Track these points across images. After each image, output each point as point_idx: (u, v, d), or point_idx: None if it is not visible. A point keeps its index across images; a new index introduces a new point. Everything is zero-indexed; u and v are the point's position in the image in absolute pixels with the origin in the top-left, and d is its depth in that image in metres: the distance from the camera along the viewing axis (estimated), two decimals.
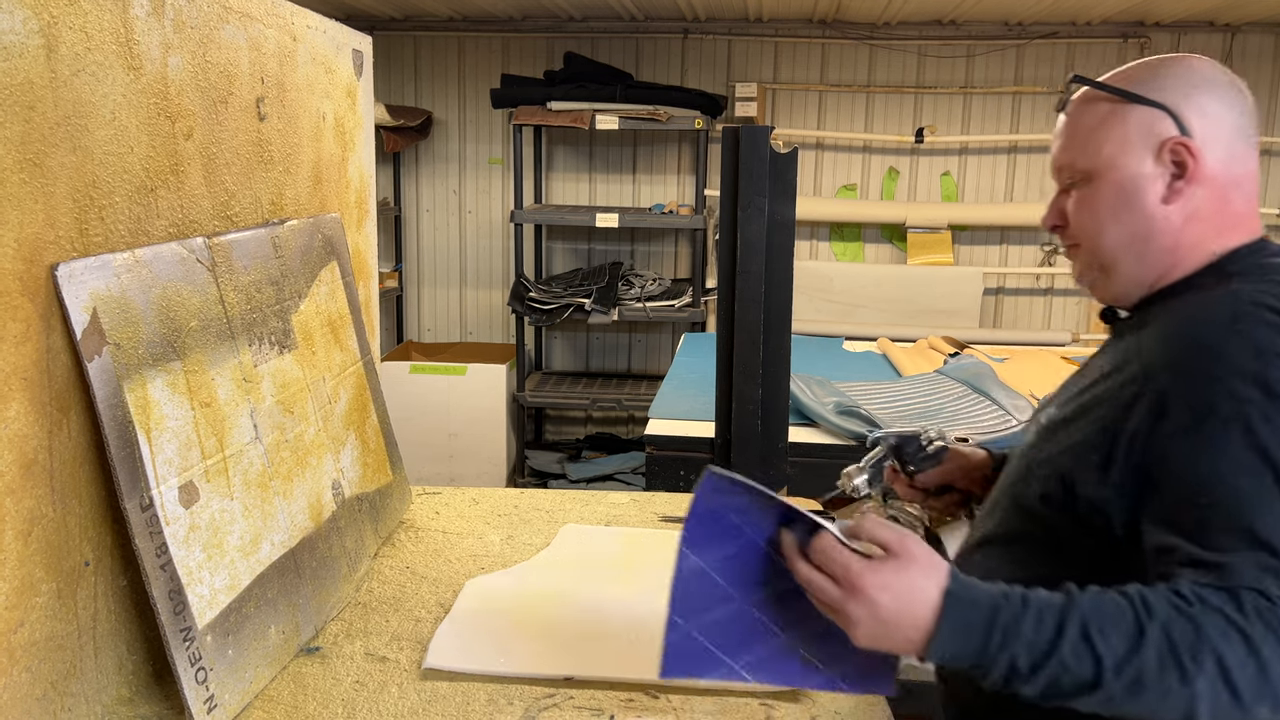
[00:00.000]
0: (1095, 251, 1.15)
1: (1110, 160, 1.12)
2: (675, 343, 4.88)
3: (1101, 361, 1.17)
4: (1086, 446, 1.06)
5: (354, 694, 1.17)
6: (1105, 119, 1.13)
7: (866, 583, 0.93)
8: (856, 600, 0.93)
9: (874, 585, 0.93)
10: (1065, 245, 1.21)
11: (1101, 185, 1.13)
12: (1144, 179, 1.10)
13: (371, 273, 1.89)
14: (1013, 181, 4.85)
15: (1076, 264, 1.20)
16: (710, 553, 0.98)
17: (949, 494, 1.45)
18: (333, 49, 1.67)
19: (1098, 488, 1.04)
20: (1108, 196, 1.12)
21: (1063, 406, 1.17)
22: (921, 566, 0.94)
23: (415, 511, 1.75)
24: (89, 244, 1.03)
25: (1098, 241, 1.14)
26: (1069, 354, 3.34)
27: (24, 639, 0.94)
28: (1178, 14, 4.39)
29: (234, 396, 1.20)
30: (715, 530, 0.97)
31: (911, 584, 0.93)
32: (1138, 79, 1.13)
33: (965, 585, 0.94)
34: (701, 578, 0.98)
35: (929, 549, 0.97)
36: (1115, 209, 1.12)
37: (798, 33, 4.78)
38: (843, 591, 0.94)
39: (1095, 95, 1.15)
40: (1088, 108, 1.15)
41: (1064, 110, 1.19)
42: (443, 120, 5.02)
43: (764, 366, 2.08)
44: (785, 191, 2.04)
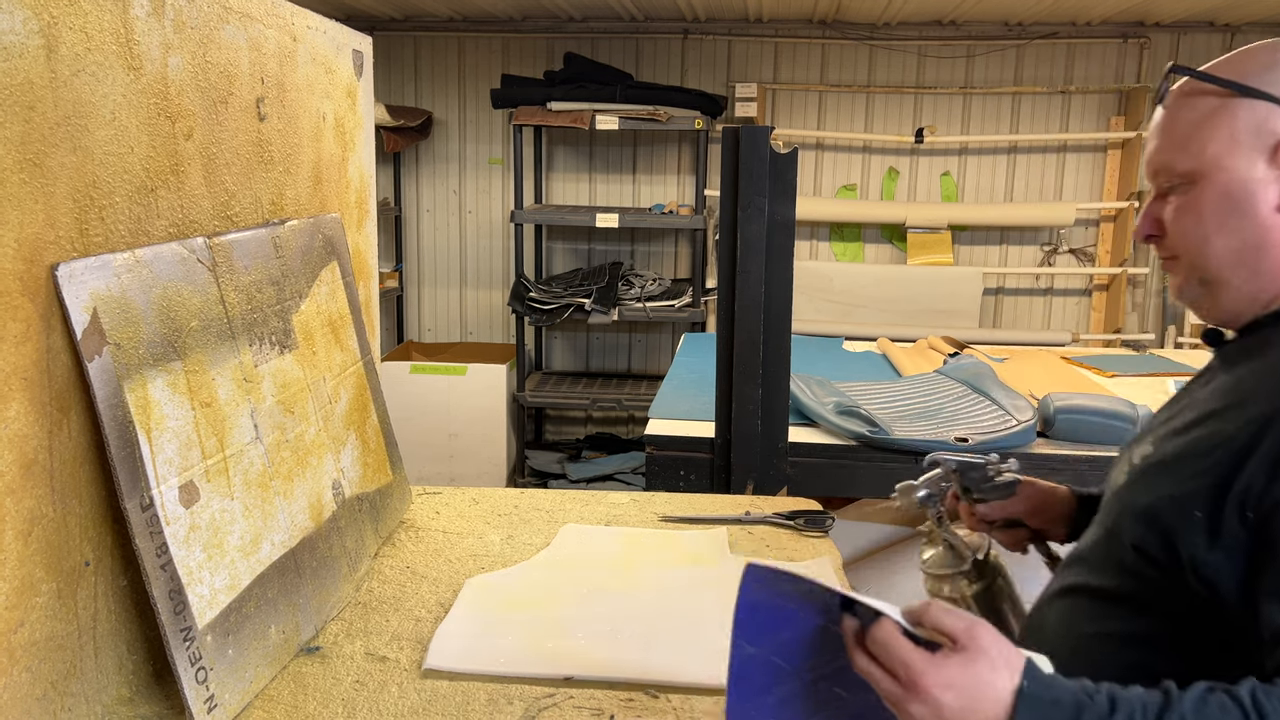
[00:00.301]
0: (1198, 265, 1.03)
1: (1215, 161, 1.00)
2: (675, 343, 4.88)
3: (1207, 394, 1.04)
4: (1191, 499, 0.94)
5: (354, 694, 1.17)
6: (1210, 115, 1.00)
7: (929, 681, 0.83)
8: (918, 699, 0.83)
9: (937, 684, 0.83)
10: (1163, 257, 1.08)
11: (1206, 189, 1.00)
12: (1255, 183, 0.98)
13: (372, 273, 1.89)
14: (1013, 181, 4.85)
15: (1175, 278, 1.07)
16: (765, 640, 0.91)
17: (1017, 529, 1.33)
18: (333, 49, 1.67)
19: (1206, 551, 0.92)
20: (1213, 202, 1.00)
21: (1161, 444, 1.04)
22: (992, 661, 0.83)
23: (415, 511, 1.75)
24: (89, 244, 1.03)
25: (1202, 254, 1.02)
26: (1069, 354, 3.34)
27: (24, 639, 0.94)
28: (1178, 14, 4.39)
29: (234, 396, 1.20)
30: (767, 618, 0.91)
31: (979, 681, 0.83)
32: (1248, 69, 1.00)
33: (1043, 683, 0.83)
34: (761, 663, 0.91)
35: (1000, 639, 0.86)
36: (1222, 216, 1.00)
37: (798, 33, 4.78)
38: (903, 689, 0.84)
39: (1198, 87, 1.02)
40: (1188, 101, 1.02)
41: (1162, 103, 1.06)
42: (443, 120, 5.03)
43: (764, 366, 2.08)
44: (785, 191, 2.04)
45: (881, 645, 0.85)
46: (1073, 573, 1.11)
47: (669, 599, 1.40)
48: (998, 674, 0.83)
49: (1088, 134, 4.73)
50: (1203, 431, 0.98)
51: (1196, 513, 0.92)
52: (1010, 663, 0.84)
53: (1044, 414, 2.36)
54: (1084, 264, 4.87)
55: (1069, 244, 4.86)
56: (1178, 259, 1.05)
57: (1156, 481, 1.00)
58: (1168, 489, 0.97)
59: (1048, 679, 0.84)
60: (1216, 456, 0.93)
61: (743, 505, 1.80)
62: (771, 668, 0.91)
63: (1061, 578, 1.14)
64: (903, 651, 0.84)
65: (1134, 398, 2.50)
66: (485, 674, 1.21)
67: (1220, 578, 0.91)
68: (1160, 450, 1.03)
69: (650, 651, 1.26)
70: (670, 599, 1.40)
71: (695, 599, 1.40)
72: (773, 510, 1.75)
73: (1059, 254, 4.86)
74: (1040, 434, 2.35)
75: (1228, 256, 1.00)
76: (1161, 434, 1.06)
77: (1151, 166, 1.06)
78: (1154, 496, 0.98)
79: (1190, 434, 0.99)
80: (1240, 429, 0.93)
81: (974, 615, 0.88)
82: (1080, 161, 4.81)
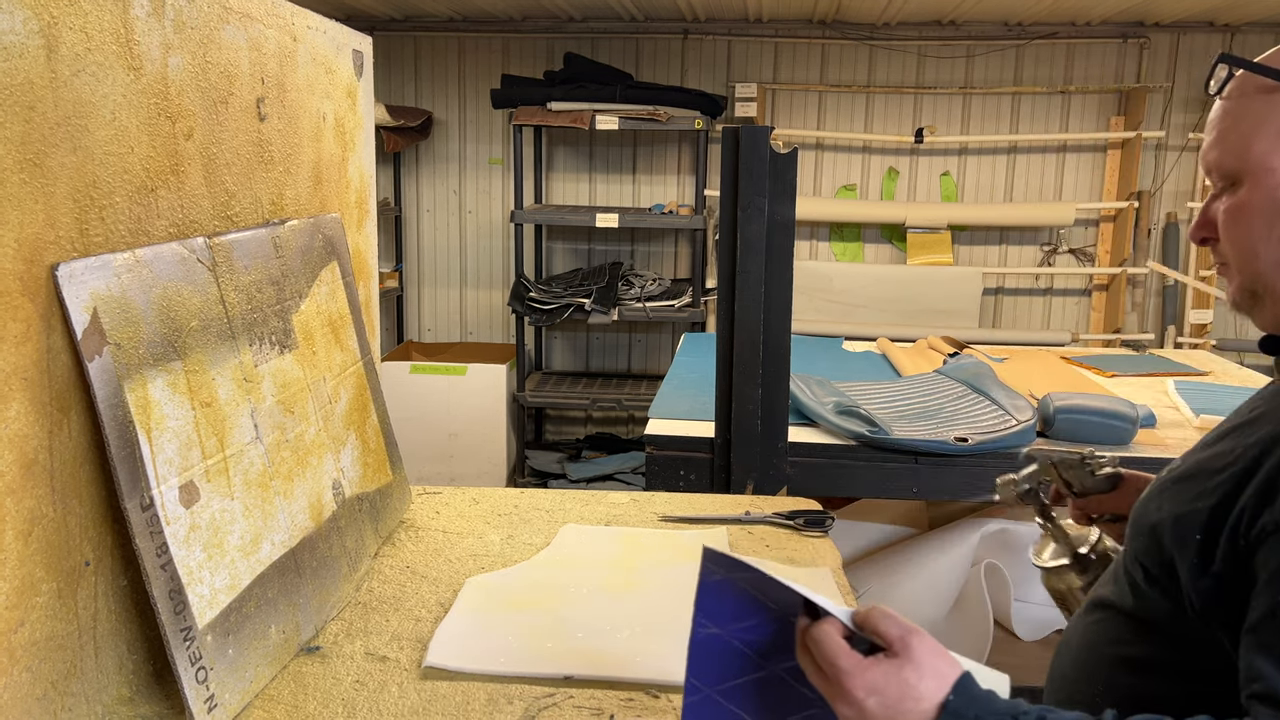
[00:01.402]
0: (1248, 274, 0.94)
1: (1262, 161, 0.90)
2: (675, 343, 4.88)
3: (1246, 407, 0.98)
4: (1191, 520, 0.88)
5: (354, 693, 1.17)
6: (1256, 110, 0.92)
7: (854, 683, 0.81)
8: (843, 700, 0.82)
9: (861, 686, 0.81)
10: (1216, 263, 0.99)
11: (1253, 192, 0.91)
12: None
13: (372, 273, 1.89)
14: (1012, 181, 4.85)
15: (1229, 286, 0.98)
16: (726, 621, 0.90)
17: (1120, 523, 1.26)
18: (333, 49, 1.67)
19: (1197, 577, 0.87)
20: (1259, 206, 0.91)
21: (1186, 457, 0.98)
22: (919, 670, 0.81)
23: (415, 511, 1.75)
24: (89, 244, 1.03)
25: (1250, 262, 0.93)
26: (1069, 354, 3.34)
27: (24, 639, 0.95)
28: (1178, 14, 4.39)
29: (234, 396, 1.20)
30: (727, 601, 0.90)
31: (904, 689, 0.80)
32: None
33: (971, 698, 0.80)
34: (722, 644, 0.91)
35: (938, 650, 0.83)
36: (1269, 223, 0.91)
37: (798, 33, 4.78)
38: (831, 688, 0.83)
39: (1250, 80, 0.93)
40: (1242, 94, 0.94)
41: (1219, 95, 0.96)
42: (443, 120, 5.03)
43: (764, 366, 2.08)
44: (785, 191, 2.04)
45: (816, 643, 0.84)
46: (1104, 587, 1.07)
47: (669, 599, 1.40)
48: (924, 683, 0.80)
49: (1087, 134, 4.73)
50: (1219, 448, 0.92)
51: (1196, 535, 0.88)
52: (940, 674, 0.81)
53: (1044, 414, 2.36)
54: (1084, 264, 4.87)
55: (1069, 244, 4.86)
56: (1229, 265, 0.97)
57: (1167, 497, 0.95)
58: (1176, 506, 0.92)
59: (979, 694, 0.81)
60: (1223, 477, 0.88)
61: (743, 505, 1.80)
62: (734, 651, 0.91)
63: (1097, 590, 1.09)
64: (833, 651, 0.83)
65: (1134, 397, 2.50)
66: (485, 674, 1.21)
67: (1212, 607, 0.86)
68: (1183, 464, 0.97)
69: (650, 651, 1.26)
70: (670, 599, 1.40)
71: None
72: (773, 510, 1.75)
73: (1059, 254, 4.86)
74: (1040, 434, 2.35)
75: (1276, 266, 0.91)
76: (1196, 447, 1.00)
77: (1205, 164, 0.98)
78: (1161, 513, 0.93)
79: (1210, 449, 0.94)
80: (1247, 449, 0.87)
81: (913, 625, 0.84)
82: (1080, 161, 4.81)
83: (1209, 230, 0.98)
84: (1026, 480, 1.36)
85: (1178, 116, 4.73)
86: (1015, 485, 1.36)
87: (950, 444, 2.20)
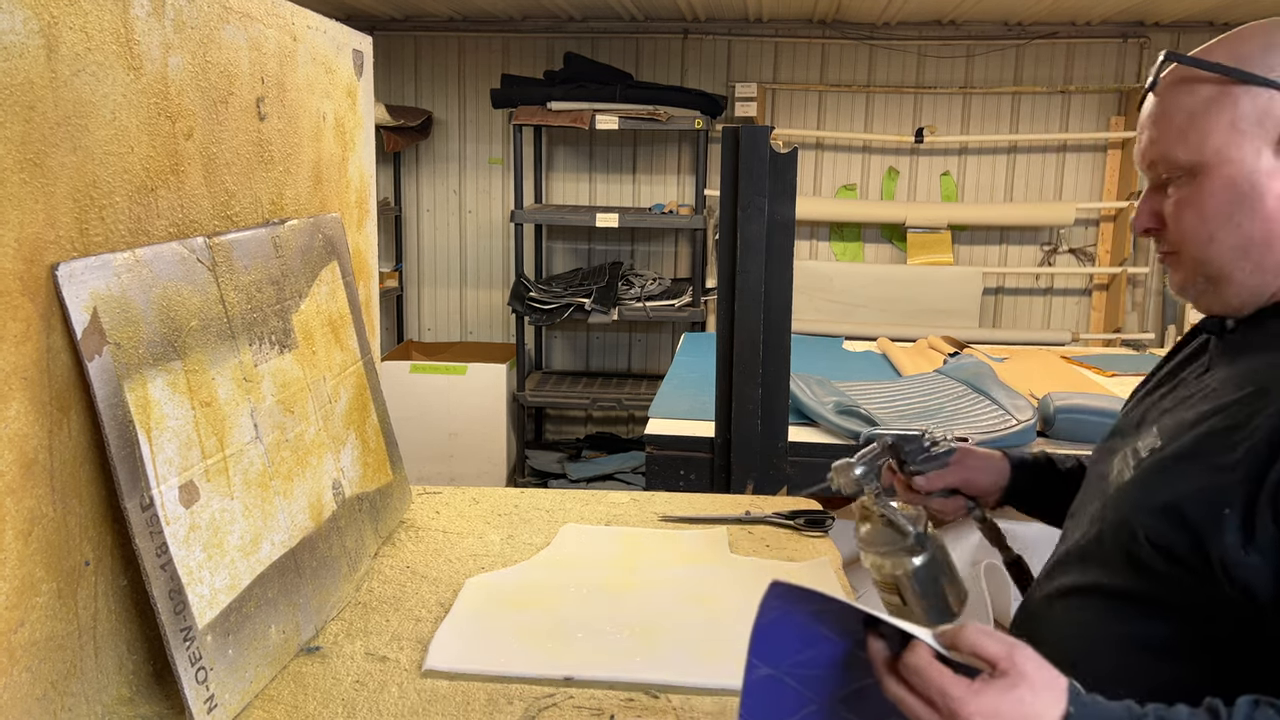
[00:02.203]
0: (1202, 260, 0.98)
1: (1219, 153, 0.95)
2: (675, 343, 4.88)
3: (1216, 383, 1.00)
4: (1217, 495, 0.89)
5: (354, 693, 1.17)
6: (1210, 103, 0.95)
7: (970, 710, 0.78)
8: None
9: (979, 712, 0.78)
10: (1162, 252, 1.04)
11: (1208, 182, 0.95)
12: (1261, 175, 0.93)
13: (372, 272, 1.89)
14: (1012, 181, 4.85)
15: (1176, 273, 1.03)
16: (781, 660, 0.87)
17: (954, 498, 1.35)
18: (333, 49, 1.67)
19: (1240, 553, 0.86)
20: (1217, 196, 0.95)
21: (1172, 436, 0.98)
22: (1034, 686, 0.79)
23: (415, 511, 1.75)
24: (89, 244, 1.03)
25: (1205, 249, 0.97)
26: (1069, 353, 3.34)
27: (24, 639, 0.94)
28: (1178, 14, 4.39)
29: (234, 396, 1.20)
30: (786, 637, 0.86)
31: (1023, 708, 0.78)
32: (1244, 52, 0.95)
33: (1090, 708, 0.79)
34: (775, 685, 0.87)
35: (1043, 663, 0.81)
36: (1227, 211, 0.95)
37: (798, 33, 4.78)
38: (941, 719, 0.80)
39: (1193, 74, 0.97)
40: (1185, 88, 0.97)
41: (1153, 90, 1.01)
42: (443, 120, 5.03)
43: (764, 366, 2.08)
44: (785, 191, 2.04)
45: (916, 672, 0.81)
46: (1074, 571, 1.07)
47: (669, 599, 1.40)
48: (1041, 700, 0.79)
49: (1087, 134, 4.73)
50: (1222, 421, 0.92)
51: (1226, 510, 0.87)
52: (1054, 686, 0.80)
53: (1044, 413, 2.36)
54: (1084, 264, 4.87)
55: (1069, 244, 4.86)
56: (1179, 254, 1.01)
57: (1175, 475, 0.94)
58: (1192, 483, 0.91)
59: (1095, 704, 0.80)
60: (1244, 449, 0.88)
61: (743, 505, 1.80)
62: (786, 690, 0.87)
63: (1059, 576, 1.10)
64: (940, 679, 0.80)
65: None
66: (485, 674, 1.21)
67: (1257, 581, 0.86)
68: (1174, 445, 0.97)
69: (650, 651, 1.26)
70: (670, 599, 1.40)
71: (695, 599, 1.40)
72: (773, 510, 1.75)
73: (1059, 254, 4.86)
74: (1040, 433, 2.35)
75: (1233, 252, 0.96)
76: (1169, 425, 1.00)
77: (1147, 158, 1.01)
78: (1175, 492, 0.93)
79: (1206, 424, 0.94)
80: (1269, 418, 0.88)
81: (1014, 639, 0.83)
82: (1080, 161, 4.81)
83: (1155, 221, 1.01)
84: (862, 462, 1.31)
85: None
86: (852, 467, 1.30)
87: None
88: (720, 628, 1.32)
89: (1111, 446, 1.13)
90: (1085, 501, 1.15)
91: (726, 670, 1.20)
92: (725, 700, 1.17)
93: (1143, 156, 1.02)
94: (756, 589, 0.87)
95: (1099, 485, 1.11)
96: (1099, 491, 1.10)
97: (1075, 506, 1.18)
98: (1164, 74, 1.00)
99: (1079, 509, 1.16)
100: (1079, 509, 1.16)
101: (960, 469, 1.33)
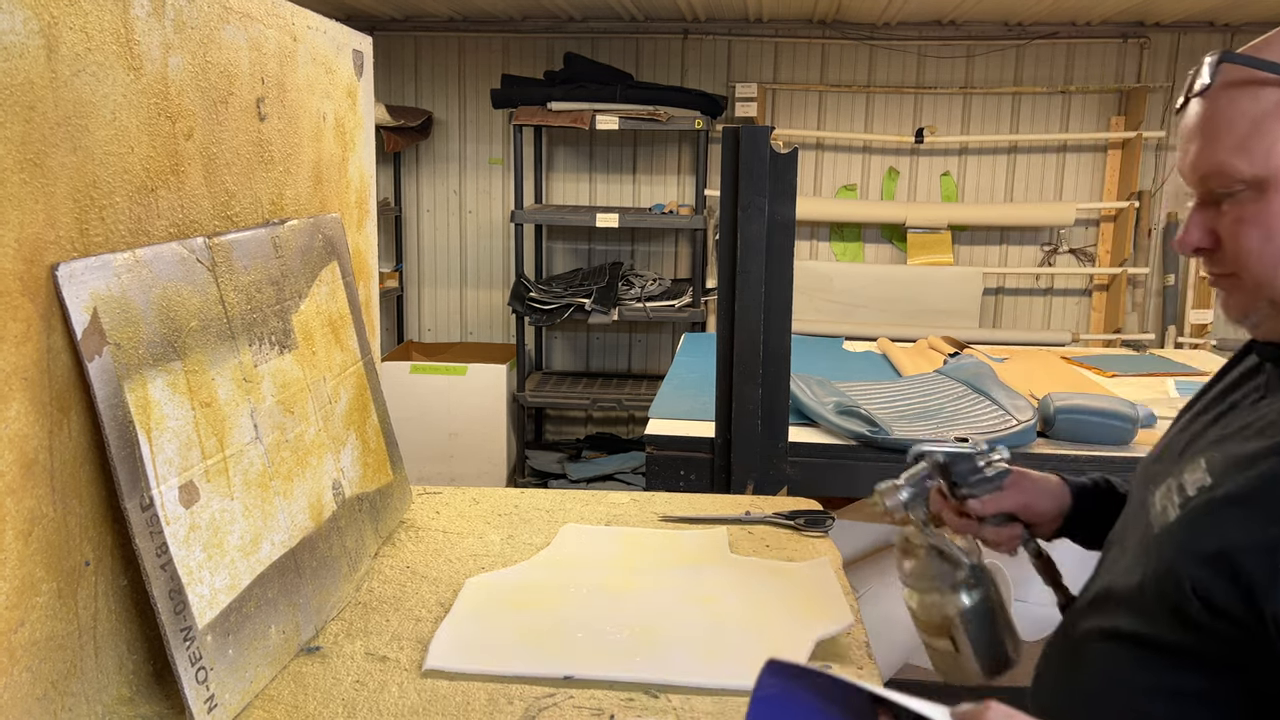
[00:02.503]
0: (1268, 283, 0.89)
1: None
2: (675, 343, 4.88)
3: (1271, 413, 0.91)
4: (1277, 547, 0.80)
5: (354, 694, 1.17)
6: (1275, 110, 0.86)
7: None
8: None
9: None
10: (1214, 273, 0.94)
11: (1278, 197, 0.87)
12: None
13: (372, 273, 1.89)
14: (1013, 181, 4.85)
15: (1234, 298, 0.93)
16: None
17: (1010, 525, 1.19)
18: (333, 49, 1.67)
19: None
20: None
21: (1223, 473, 0.89)
22: None
23: (415, 511, 1.75)
24: (89, 244, 1.03)
25: (1273, 271, 0.88)
26: (1069, 354, 3.34)
27: (24, 639, 0.95)
28: (1178, 14, 4.39)
29: (234, 396, 1.20)
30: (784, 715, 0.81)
31: None
32: None
33: None
34: None
35: None
36: None
37: (798, 33, 4.78)
38: None
39: (1252, 76, 0.87)
40: (1247, 93, 0.88)
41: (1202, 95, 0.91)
42: (443, 120, 5.03)
43: (764, 366, 2.08)
44: (785, 191, 2.04)
45: None
46: (1109, 612, 0.98)
47: (669, 599, 1.40)
48: None
49: (1088, 134, 4.73)
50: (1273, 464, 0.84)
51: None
52: None
53: (1044, 414, 2.36)
54: (1084, 264, 4.87)
55: (1069, 244, 4.86)
56: (1237, 276, 0.91)
57: (1228, 521, 0.85)
58: (1247, 532, 0.83)
59: None
60: None
61: (743, 505, 1.80)
62: None
63: (1093, 616, 1.01)
64: None
65: (1134, 398, 2.50)
66: (485, 674, 1.21)
67: None
68: (1226, 481, 0.88)
69: (650, 651, 1.26)
70: (670, 599, 1.40)
71: (695, 599, 1.40)
72: (773, 510, 1.75)
73: (1059, 254, 4.87)
74: (1040, 434, 2.35)
75: None
76: (1219, 461, 0.91)
77: (1198, 170, 0.92)
78: (1227, 540, 0.84)
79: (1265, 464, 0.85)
80: None
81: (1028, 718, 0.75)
82: (1080, 161, 4.81)
83: (1209, 240, 0.92)
84: (910, 484, 1.16)
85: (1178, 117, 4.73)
86: (898, 490, 1.16)
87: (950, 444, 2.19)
88: (720, 628, 1.32)
89: (1154, 473, 1.03)
90: (1125, 530, 1.06)
91: (726, 670, 1.20)
92: (725, 700, 1.17)
93: (1193, 169, 0.93)
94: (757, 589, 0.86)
95: (1140, 515, 1.02)
96: (1140, 523, 1.01)
97: (1115, 533, 1.10)
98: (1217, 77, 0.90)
99: (1118, 537, 1.07)
100: (1118, 537, 1.07)
101: (1017, 492, 1.18)
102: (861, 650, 1.28)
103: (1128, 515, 1.09)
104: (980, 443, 1.19)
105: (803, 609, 1.35)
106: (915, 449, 1.20)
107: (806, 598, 1.39)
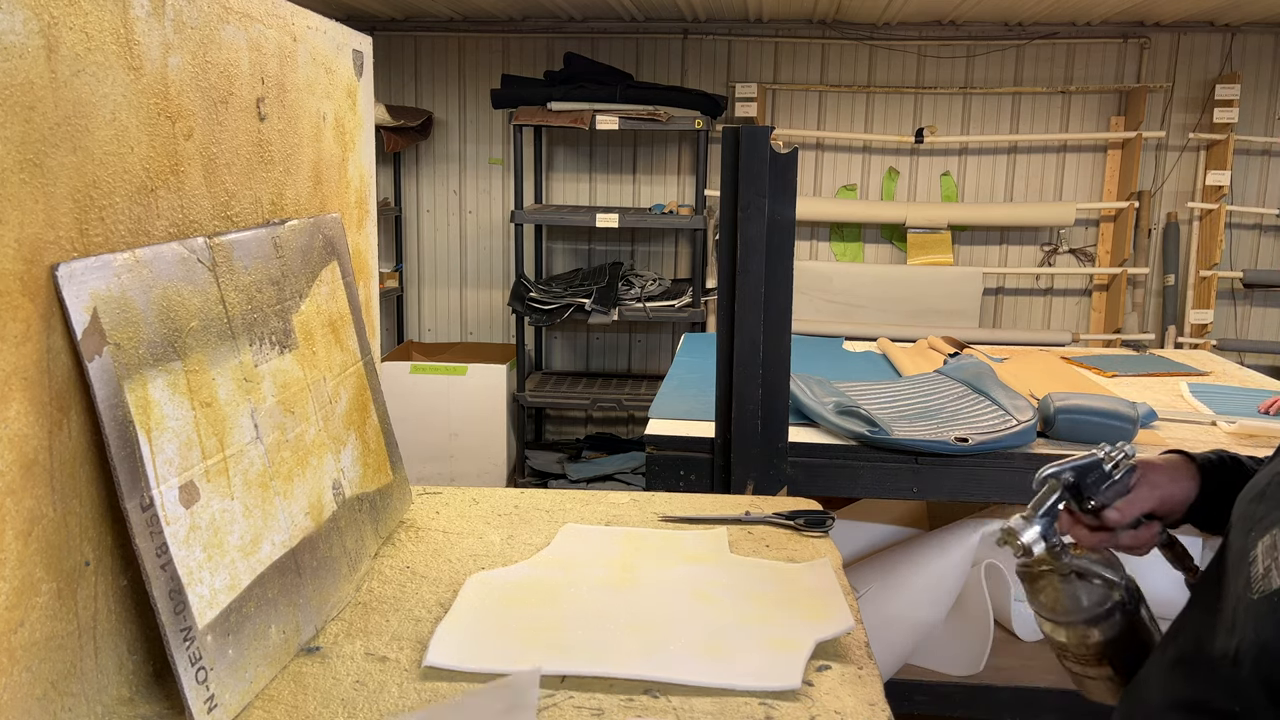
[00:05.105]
0: None
1: None
2: (675, 343, 4.88)
3: None
4: None
5: (354, 694, 1.17)
6: None
7: None
8: None
9: None
10: None
11: None
12: None
13: (372, 273, 1.89)
14: (1013, 181, 4.85)
15: None
16: None
17: (1147, 525, 1.09)
18: (333, 49, 1.67)
19: None
20: None
21: None
22: None
23: (415, 511, 1.75)
24: (89, 244, 1.03)
25: None
26: (1069, 354, 3.34)
27: (24, 639, 0.95)
28: (1178, 14, 4.39)
29: (234, 396, 1.20)
30: None
31: None
32: None
33: None
34: None
35: None
36: None
37: (798, 33, 4.78)
38: None
39: None
40: None
41: None
42: (443, 120, 5.03)
43: (764, 366, 2.08)
44: (785, 191, 2.04)
45: None
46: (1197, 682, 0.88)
47: (669, 599, 1.40)
48: None
49: (1088, 134, 4.73)
50: None
51: None
52: None
53: (1044, 414, 2.36)
54: (1084, 264, 4.87)
55: (1069, 244, 4.86)
56: None
57: None
58: None
59: None
60: None
61: (743, 505, 1.80)
62: None
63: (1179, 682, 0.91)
64: None
65: (1134, 398, 2.50)
66: (485, 673, 1.21)
67: None
68: None
69: (650, 651, 1.26)
70: (670, 599, 1.40)
71: (695, 599, 1.40)
72: (773, 510, 1.75)
73: (1059, 254, 4.87)
74: (1040, 434, 2.35)
75: None
76: None
77: None
78: None
79: None
80: None
81: None
82: (1080, 161, 4.81)
83: None
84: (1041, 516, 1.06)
85: (1178, 116, 4.73)
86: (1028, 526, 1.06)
87: (950, 444, 2.19)
88: (720, 628, 1.32)
89: (1255, 516, 0.92)
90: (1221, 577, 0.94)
91: (726, 670, 1.20)
92: (725, 700, 1.17)
93: None
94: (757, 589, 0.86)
95: (1239, 566, 0.90)
96: (1239, 575, 0.89)
97: (1208, 573, 0.99)
98: None
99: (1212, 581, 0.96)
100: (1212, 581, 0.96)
101: (1149, 488, 1.09)
102: (861, 650, 1.28)
103: (1223, 560, 0.97)
104: (1105, 448, 1.10)
105: (803, 609, 1.35)
106: (1040, 474, 1.11)
107: (806, 598, 1.39)
